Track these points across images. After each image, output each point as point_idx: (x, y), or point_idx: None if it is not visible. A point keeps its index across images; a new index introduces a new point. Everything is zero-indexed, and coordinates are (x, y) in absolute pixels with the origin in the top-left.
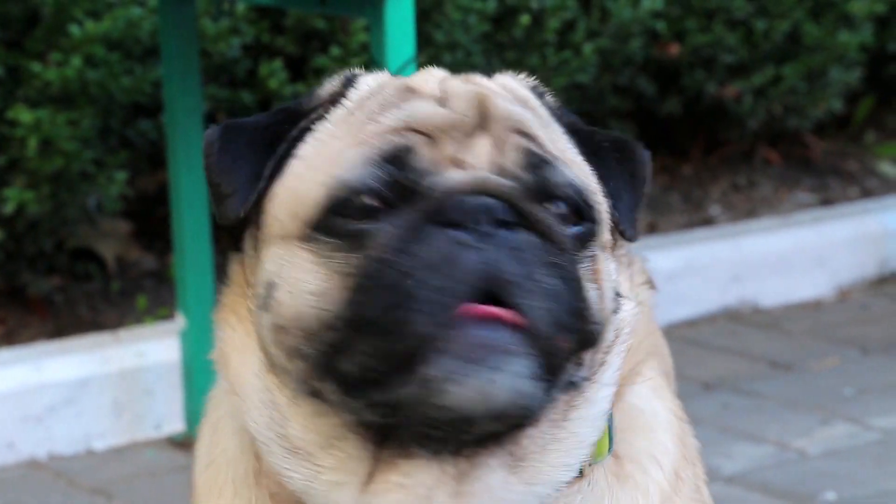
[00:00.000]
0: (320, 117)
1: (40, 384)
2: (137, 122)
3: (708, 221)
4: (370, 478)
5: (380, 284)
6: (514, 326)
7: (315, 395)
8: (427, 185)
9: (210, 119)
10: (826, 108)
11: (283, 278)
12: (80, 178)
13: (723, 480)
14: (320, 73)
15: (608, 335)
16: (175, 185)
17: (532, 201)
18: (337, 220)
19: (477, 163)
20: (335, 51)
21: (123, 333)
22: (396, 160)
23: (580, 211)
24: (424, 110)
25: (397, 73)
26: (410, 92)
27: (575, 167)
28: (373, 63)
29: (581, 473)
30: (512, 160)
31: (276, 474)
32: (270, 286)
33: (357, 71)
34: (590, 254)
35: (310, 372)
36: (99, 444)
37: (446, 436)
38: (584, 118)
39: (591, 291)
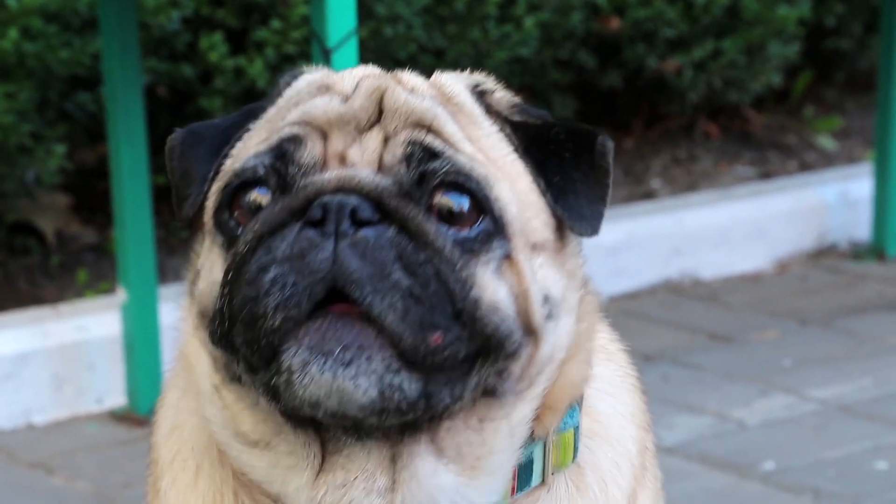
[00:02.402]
0: (257, 116)
1: None
2: (76, 95)
3: (649, 195)
4: (322, 463)
5: (242, 279)
6: (366, 323)
7: (235, 379)
8: (300, 183)
9: (150, 92)
10: (765, 81)
11: (203, 267)
12: (17, 151)
13: (663, 451)
14: (261, 46)
15: (545, 346)
16: (115, 158)
17: (407, 197)
18: (224, 214)
19: (362, 158)
20: (275, 24)
21: (64, 307)
22: (285, 154)
23: (481, 205)
24: (322, 105)
25: (337, 46)
26: (325, 89)
27: (492, 165)
28: (314, 36)
29: (543, 481)
30: (397, 155)
31: (239, 467)
32: (196, 275)
33: (306, 68)
34: (498, 252)
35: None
36: (39, 419)
37: (354, 425)
38: (524, 92)
39: (497, 293)
